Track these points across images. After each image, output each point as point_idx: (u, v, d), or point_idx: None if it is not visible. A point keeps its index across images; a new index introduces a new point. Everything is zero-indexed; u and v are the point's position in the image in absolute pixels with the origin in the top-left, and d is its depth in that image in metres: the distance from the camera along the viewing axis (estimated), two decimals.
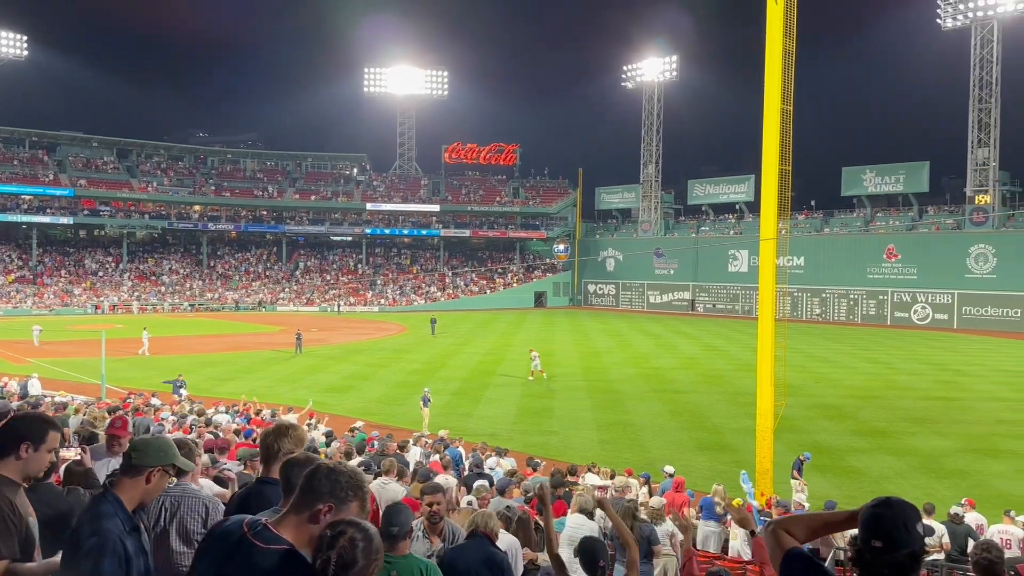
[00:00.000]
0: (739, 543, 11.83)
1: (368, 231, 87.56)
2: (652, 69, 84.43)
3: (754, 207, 69.76)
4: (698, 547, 12.26)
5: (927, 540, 10.34)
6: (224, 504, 4.75)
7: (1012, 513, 12.20)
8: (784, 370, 18.67)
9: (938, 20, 65.30)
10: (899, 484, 18.34)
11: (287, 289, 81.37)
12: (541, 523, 6.84)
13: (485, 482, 11.46)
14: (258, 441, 5.00)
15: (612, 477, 14.59)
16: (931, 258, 63.25)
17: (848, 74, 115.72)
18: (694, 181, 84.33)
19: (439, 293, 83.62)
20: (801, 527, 2.71)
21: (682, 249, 78.78)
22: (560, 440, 23.14)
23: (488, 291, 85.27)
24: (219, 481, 7.65)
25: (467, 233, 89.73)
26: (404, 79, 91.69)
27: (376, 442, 15.68)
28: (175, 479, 4.52)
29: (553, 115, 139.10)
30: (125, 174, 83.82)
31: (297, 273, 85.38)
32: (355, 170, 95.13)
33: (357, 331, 56.56)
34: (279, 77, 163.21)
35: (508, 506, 8.92)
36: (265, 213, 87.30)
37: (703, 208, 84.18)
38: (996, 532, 11.37)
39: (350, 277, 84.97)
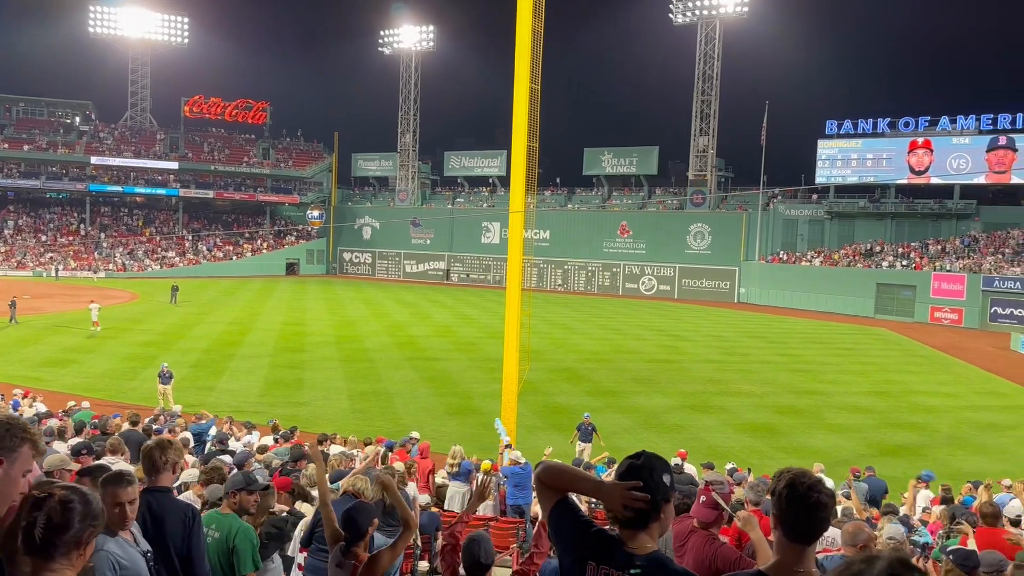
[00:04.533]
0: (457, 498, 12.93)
1: (93, 187, 78.60)
2: (409, 37, 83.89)
3: (506, 181, 72.35)
4: (444, 507, 12.72)
5: None
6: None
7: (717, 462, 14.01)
8: (529, 337, 19.70)
9: (670, 15, 71.52)
10: (626, 439, 20.17)
11: None
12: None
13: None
14: (140, 454, 4.75)
15: (365, 445, 14.57)
16: (657, 235, 70.00)
17: (591, 60, 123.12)
18: (450, 153, 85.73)
19: (178, 258, 77.53)
20: (559, 478, 2.94)
21: (438, 219, 79.88)
22: (310, 411, 22.65)
23: (235, 257, 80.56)
24: None
25: (210, 194, 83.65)
26: (137, 21, 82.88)
27: (97, 420, 14.25)
28: None
29: (308, 75, 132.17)
30: None
31: (6, 232, 74.86)
32: (78, 119, 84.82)
33: (79, 298, 50.75)
34: None
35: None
36: None
37: (459, 180, 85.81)
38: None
39: (71, 238, 76.07)
